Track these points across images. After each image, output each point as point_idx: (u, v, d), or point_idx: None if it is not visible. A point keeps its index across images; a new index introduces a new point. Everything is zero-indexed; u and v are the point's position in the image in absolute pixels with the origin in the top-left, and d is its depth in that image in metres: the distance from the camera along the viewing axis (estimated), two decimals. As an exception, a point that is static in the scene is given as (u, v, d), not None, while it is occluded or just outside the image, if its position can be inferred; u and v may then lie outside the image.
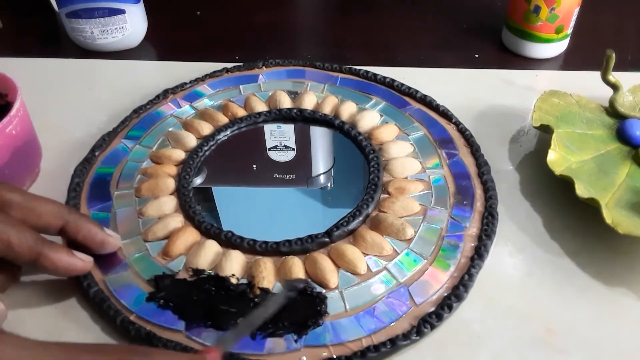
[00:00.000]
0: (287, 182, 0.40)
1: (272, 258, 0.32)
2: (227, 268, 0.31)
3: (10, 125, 0.34)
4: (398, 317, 0.29)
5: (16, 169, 0.35)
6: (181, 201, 0.36)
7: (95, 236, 0.31)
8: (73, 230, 0.30)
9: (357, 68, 0.48)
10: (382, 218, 0.34)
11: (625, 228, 0.31)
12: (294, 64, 0.49)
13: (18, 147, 0.35)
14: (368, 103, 0.44)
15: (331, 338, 0.29)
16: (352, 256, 0.32)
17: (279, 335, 0.29)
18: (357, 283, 0.31)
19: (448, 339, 0.29)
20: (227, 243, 0.33)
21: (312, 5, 0.66)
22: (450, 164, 0.39)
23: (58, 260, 0.29)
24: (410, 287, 0.31)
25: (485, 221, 0.34)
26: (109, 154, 0.40)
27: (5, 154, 0.34)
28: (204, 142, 0.40)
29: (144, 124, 0.43)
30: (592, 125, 0.40)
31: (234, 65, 0.49)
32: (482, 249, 0.33)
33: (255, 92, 0.46)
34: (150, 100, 0.45)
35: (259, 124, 0.43)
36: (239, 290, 0.30)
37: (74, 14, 0.51)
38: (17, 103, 0.34)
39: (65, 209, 0.31)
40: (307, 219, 0.38)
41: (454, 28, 0.58)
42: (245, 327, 0.28)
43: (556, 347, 0.29)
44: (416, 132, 0.41)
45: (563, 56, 0.53)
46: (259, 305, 0.29)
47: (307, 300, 0.30)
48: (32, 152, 0.38)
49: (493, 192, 0.36)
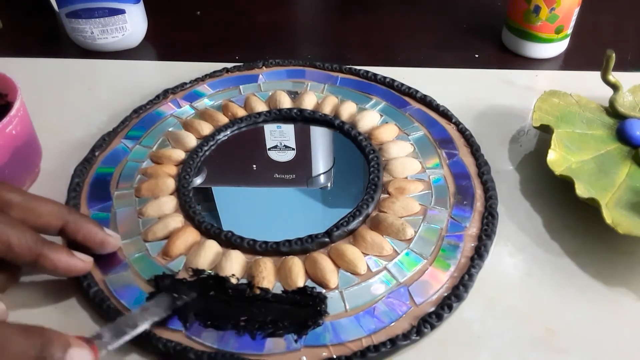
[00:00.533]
0: (287, 182, 0.40)
1: (272, 258, 0.32)
2: (227, 268, 0.31)
3: (10, 125, 0.34)
4: (398, 317, 0.29)
5: (16, 169, 0.35)
6: (181, 201, 0.36)
7: (95, 236, 0.31)
8: (73, 230, 0.30)
9: (357, 68, 0.48)
10: (382, 218, 0.34)
11: (625, 228, 0.31)
12: (294, 64, 0.49)
13: (18, 147, 0.35)
14: (368, 103, 0.44)
15: (331, 338, 0.29)
16: (352, 256, 0.32)
17: (279, 335, 0.29)
18: (357, 283, 0.31)
19: (448, 339, 0.29)
20: (227, 243, 0.33)
21: (312, 5, 0.66)
22: (450, 164, 0.39)
23: (58, 261, 0.29)
24: (410, 287, 0.31)
25: (485, 221, 0.34)
26: (109, 154, 0.40)
27: (5, 154, 0.34)
28: (204, 142, 0.40)
29: (144, 124, 0.43)
30: (592, 125, 0.40)
31: (234, 65, 0.49)
32: (482, 249, 0.33)
33: (255, 92, 0.46)
34: (150, 100, 0.45)
35: (259, 124, 0.43)
36: (239, 290, 0.30)
37: (74, 14, 0.51)
38: (17, 103, 0.34)
39: (65, 209, 0.31)
40: (307, 219, 0.38)
41: (454, 28, 0.58)
42: (127, 325, 0.27)
43: (556, 347, 0.29)
44: (416, 132, 0.41)
45: (563, 56, 0.53)
46: (148, 305, 0.29)
47: (307, 300, 0.30)
48: (32, 152, 0.38)
49: (493, 192, 0.36)
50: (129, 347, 0.28)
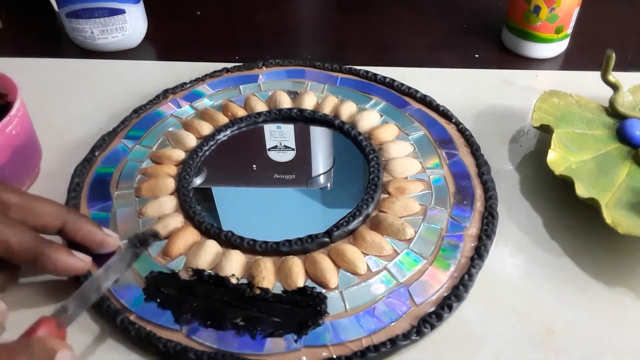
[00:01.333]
0: (287, 182, 0.40)
1: (272, 258, 0.32)
2: (227, 268, 0.31)
3: (10, 125, 0.34)
4: (398, 317, 0.29)
5: (16, 168, 0.35)
6: (181, 201, 0.36)
7: (95, 236, 0.31)
8: (72, 230, 0.30)
9: (357, 68, 0.48)
10: (382, 218, 0.34)
11: (625, 228, 0.31)
12: (294, 64, 0.49)
13: (18, 147, 0.35)
14: (368, 103, 0.44)
15: (331, 338, 0.29)
16: (352, 256, 0.32)
17: (279, 335, 0.29)
18: (357, 283, 0.31)
19: (448, 339, 0.29)
20: (227, 243, 0.33)
21: (312, 5, 0.66)
22: (450, 164, 0.39)
23: (58, 260, 0.29)
24: (410, 287, 0.31)
25: (485, 221, 0.34)
26: (109, 154, 0.40)
27: (5, 154, 0.34)
28: (204, 142, 0.40)
29: (144, 124, 0.43)
30: (592, 125, 0.40)
31: (234, 65, 0.49)
32: (482, 249, 0.33)
33: (255, 92, 0.46)
34: (150, 100, 0.45)
35: (259, 124, 0.43)
36: (239, 290, 0.30)
37: (74, 14, 0.51)
38: (17, 103, 0.34)
39: (64, 209, 0.31)
40: (307, 219, 0.38)
41: (454, 28, 0.58)
42: (91, 291, 0.28)
43: (556, 347, 0.29)
44: (416, 132, 0.41)
45: (563, 56, 0.53)
46: (111, 263, 0.30)
47: (307, 300, 0.30)
48: (32, 152, 0.38)
49: (493, 192, 0.36)
50: (130, 347, 0.29)
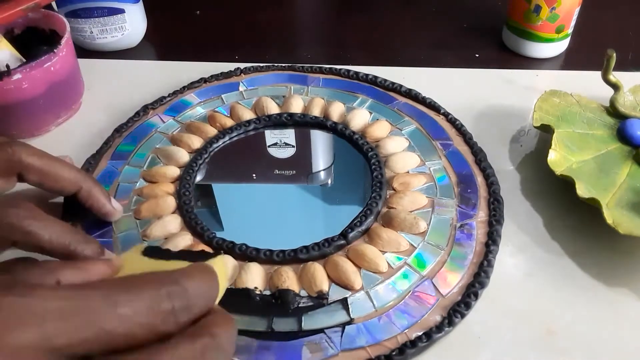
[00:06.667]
0: (288, 180, 0.40)
1: (292, 266, 0.32)
2: (248, 281, 0.31)
3: (49, 62, 0.39)
4: (428, 311, 0.30)
5: (54, 101, 0.40)
6: (186, 219, 0.35)
7: (102, 208, 0.33)
8: (83, 197, 0.31)
9: (337, 67, 0.48)
10: (394, 214, 0.34)
11: (626, 228, 0.31)
12: (273, 68, 0.48)
13: (57, 82, 0.39)
14: (355, 102, 0.44)
15: (367, 339, 0.28)
16: (372, 255, 0.32)
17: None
18: (381, 281, 0.31)
19: (448, 340, 0.29)
20: (242, 256, 0.32)
21: (312, 5, 0.66)
22: (447, 155, 0.39)
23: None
24: (433, 279, 0.31)
25: (492, 206, 0.35)
26: (97, 177, 0.38)
27: (42, 86, 0.39)
28: (198, 156, 0.39)
29: (128, 142, 0.41)
30: (593, 125, 0.40)
31: (212, 75, 0.48)
32: (495, 234, 0.33)
33: (238, 101, 0.45)
34: (130, 117, 0.43)
35: (250, 132, 0.42)
36: (265, 301, 0.30)
37: (73, 14, 0.50)
38: (63, 41, 0.40)
39: (80, 175, 0.31)
40: (314, 221, 0.37)
41: (454, 28, 0.58)
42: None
43: (556, 347, 0.29)
44: (408, 126, 0.42)
45: (564, 56, 0.52)
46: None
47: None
48: (71, 88, 0.42)
49: (494, 177, 0.37)
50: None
